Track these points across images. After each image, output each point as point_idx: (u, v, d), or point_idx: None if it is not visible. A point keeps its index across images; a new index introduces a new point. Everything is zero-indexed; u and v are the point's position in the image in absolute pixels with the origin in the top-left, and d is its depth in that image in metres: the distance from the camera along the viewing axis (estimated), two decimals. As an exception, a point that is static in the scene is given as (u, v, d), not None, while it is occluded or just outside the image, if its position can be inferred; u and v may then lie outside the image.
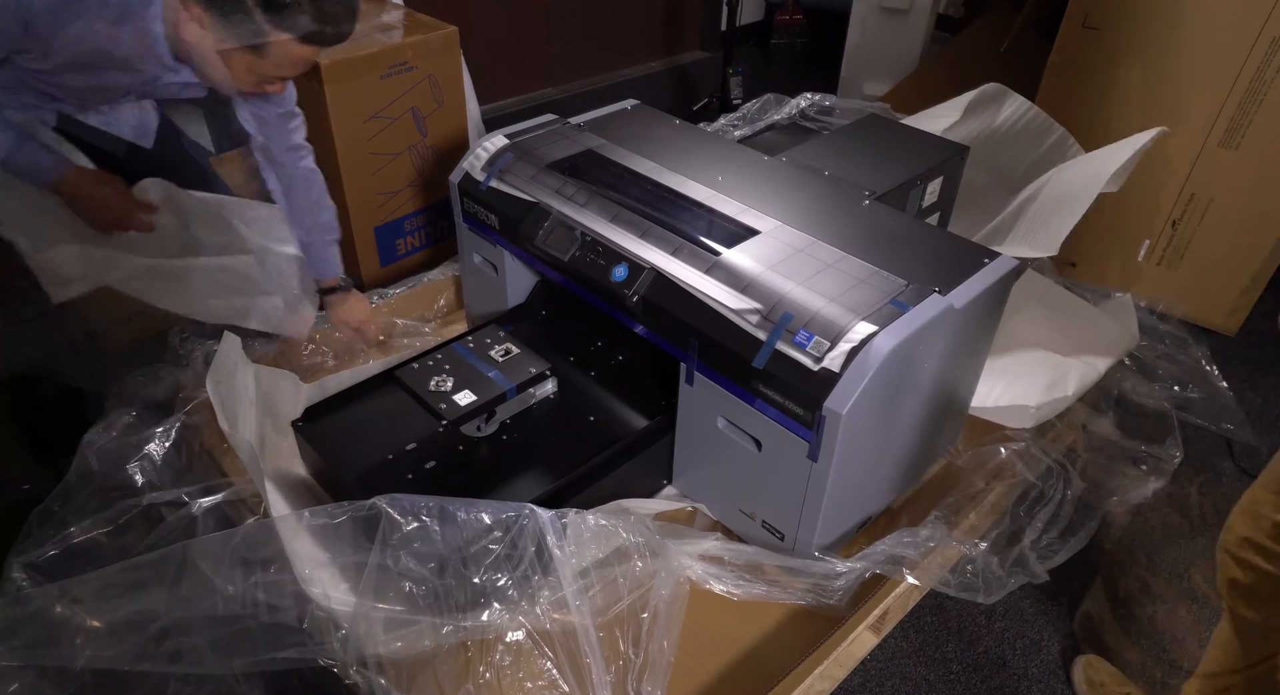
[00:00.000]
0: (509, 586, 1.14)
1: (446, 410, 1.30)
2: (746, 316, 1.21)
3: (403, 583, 1.10)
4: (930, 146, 1.86)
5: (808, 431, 1.18)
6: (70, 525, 1.30)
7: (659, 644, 1.16)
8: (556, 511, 1.16)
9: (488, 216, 1.57)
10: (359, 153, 2.14)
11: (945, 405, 1.46)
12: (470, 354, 1.42)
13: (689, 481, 1.48)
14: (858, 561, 1.27)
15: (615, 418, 1.47)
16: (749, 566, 1.30)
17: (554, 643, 1.15)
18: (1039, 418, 1.61)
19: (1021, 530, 1.41)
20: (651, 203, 1.45)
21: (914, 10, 2.99)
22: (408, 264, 2.37)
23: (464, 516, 1.10)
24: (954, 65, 2.81)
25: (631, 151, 1.59)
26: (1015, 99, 2.15)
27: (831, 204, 1.46)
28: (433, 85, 2.20)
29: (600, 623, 1.17)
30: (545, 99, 3.60)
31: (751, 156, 1.63)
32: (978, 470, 1.57)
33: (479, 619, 1.13)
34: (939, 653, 1.48)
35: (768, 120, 2.44)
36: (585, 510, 1.23)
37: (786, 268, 1.26)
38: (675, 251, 1.32)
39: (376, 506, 1.09)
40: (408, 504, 1.09)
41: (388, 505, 1.09)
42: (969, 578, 1.31)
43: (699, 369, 1.30)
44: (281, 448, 1.48)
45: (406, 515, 1.09)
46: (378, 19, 2.23)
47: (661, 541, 1.24)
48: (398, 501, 1.09)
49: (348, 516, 1.11)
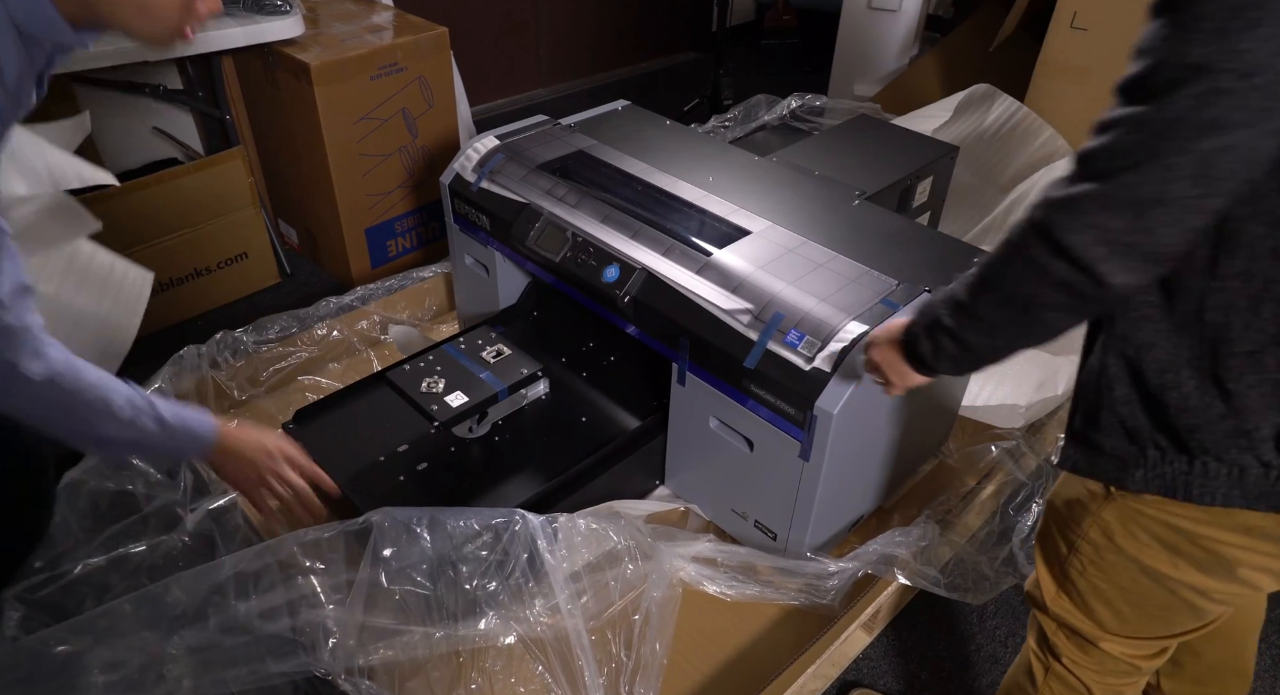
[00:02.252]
0: (501, 592, 1.14)
1: (438, 412, 1.29)
2: (738, 316, 1.21)
3: (394, 594, 1.09)
4: (920, 146, 1.86)
5: (799, 431, 1.18)
6: (66, 555, 1.30)
7: (651, 646, 1.16)
8: (547, 516, 1.16)
9: (479, 217, 1.57)
10: (349, 154, 2.13)
11: (936, 405, 1.46)
12: (462, 355, 1.42)
13: (681, 482, 1.48)
14: (849, 561, 1.27)
15: (607, 418, 1.47)
16: (742, 567, 1.30)
17: (546, 647, 1.14)
18: (1029, 417, 1.61)
19: (1011, 529, 1.41)
20: (643, 203, 1.45)
21: (904, 11, 3.00)
22: (399, 265, 2.36)
23: (454, 526, 1.10)
24: (944, 66, 2.82)
25: (622, 152, 1.59)
26: (1005, 99, 2.16)
27: (822, 204, 1.46)
28: (423, 86, 2.19)
29: (593, 626, 1.17)
30: (535, 100, 3.60)
31: (742, 157, 1.63)
32: (969, 469, 1.57)
33: (473, 627, 1.13)
34: (931, 651, 1.48)
35: (759, 121, 2.44)
36: (576, 513, 1.24)
37: (777, 268, 1.26)
38: (666, 252, 1.32)
39: (369, 522, 1.08)
40: (399, 516, 1.09)
41: (379, 519, 1.08)
42: (958, 579, 1.31)
43: (690, 369, 1.30)
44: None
45: (398, 528, 1.08)
46: (367, 20, 2.22)
47: (654, 544, 1.24)
48: (389, 515, 1.08)
49: (339, 532, 1.10)
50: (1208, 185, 0.59)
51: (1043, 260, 0.69)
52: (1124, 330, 0.78)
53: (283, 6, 2.00)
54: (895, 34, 3.05)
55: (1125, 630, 0.95)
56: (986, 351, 0.82)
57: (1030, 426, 1.62)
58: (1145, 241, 0.63)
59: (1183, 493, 0.78)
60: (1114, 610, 0.94)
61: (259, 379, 1.67)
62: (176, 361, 1.54)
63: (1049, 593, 1.00)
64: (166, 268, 2.14)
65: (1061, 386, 1.63)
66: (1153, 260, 0.65)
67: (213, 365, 1.60)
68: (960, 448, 1.61)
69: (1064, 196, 0.67)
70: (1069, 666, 1.02)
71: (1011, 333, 0.78)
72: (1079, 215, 0.65)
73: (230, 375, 1.63)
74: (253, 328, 1.67)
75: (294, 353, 1.72)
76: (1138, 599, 0.91)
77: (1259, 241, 0.68)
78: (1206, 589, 0.85)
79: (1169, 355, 0.75)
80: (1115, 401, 0.80)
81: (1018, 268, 0.72)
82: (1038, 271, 0.70)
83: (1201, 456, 0.77)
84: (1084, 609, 0.96)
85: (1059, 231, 0.66)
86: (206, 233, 2.15)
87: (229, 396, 1.63)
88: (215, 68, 2.15)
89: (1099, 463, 0.83)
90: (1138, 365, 0.77)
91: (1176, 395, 0.76)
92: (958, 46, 2.84)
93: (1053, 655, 1.04)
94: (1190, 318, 0.73)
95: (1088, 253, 0.65)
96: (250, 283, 2.32)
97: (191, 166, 2.05)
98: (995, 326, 0.78)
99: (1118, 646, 0.96)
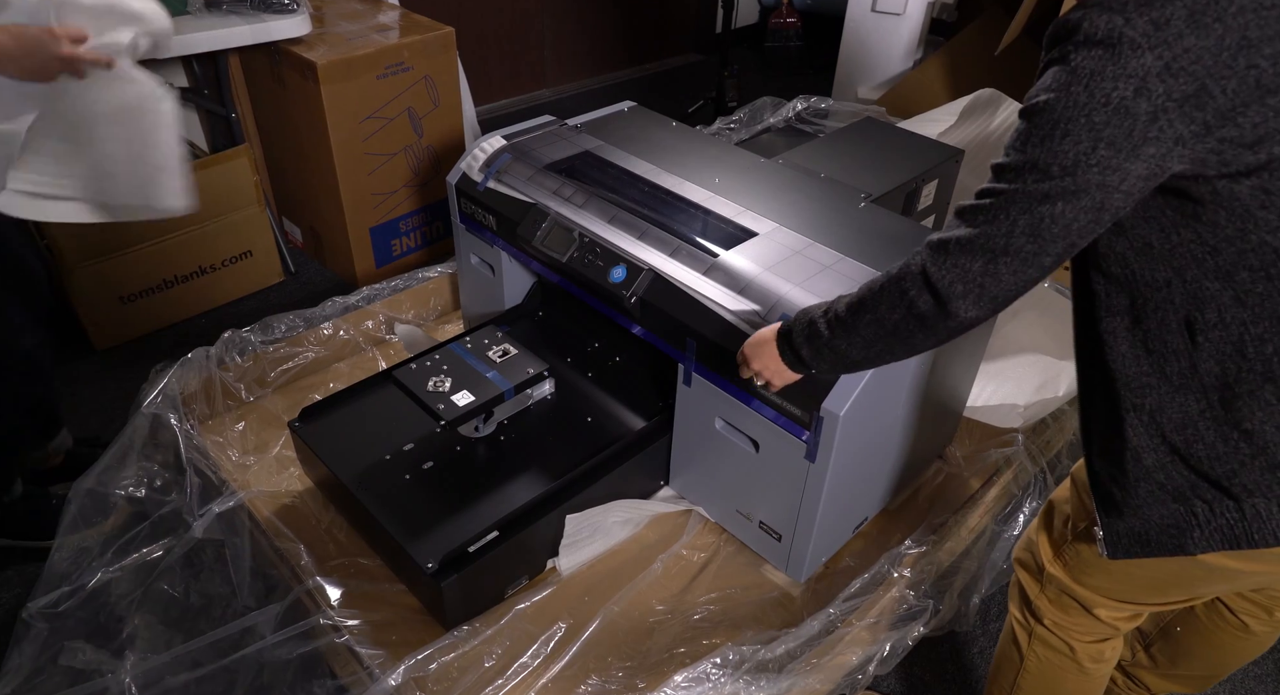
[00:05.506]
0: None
1: (444, 411, 1.30)
2: (745, 318, 1.22)
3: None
4: (925, 150, 1.87)
5: (806, 432, 1.18)
6: (82, 567, 1.32)
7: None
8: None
9: (485, 217, 1.57)
10: (355, 153, 2.14)
11: (940, 407, 1.47)
12: (468, 354, 1.42)
13: (686, 482, 1.48)
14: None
15: (613, 418, 1.47)
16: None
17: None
18: (1028, 417, 1.62)
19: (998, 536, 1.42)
20: (649, 204, 1.45)
21: (908, 14, 3.01)
22: (403, 265, 2.37)
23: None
24: (947, 70, 2.83)
25: (629, 153, 1.59)
26: (1010, 104, 2.17)
27: (828, 206, 1.47)
28: (429, 86, 2.20)
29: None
30: (540, 100, 3.60)
31: (748, 159, 1.63)
32: (972, 472, 1.58)
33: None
34: (934, 653, 1.49)
35: (764, 123, 2.45)
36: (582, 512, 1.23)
37: (785, 269, 1.26)
38: (674, 253, 1.33)
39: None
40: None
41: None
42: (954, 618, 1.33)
43: (697, 370, 1.30)
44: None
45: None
46: (374, 19, 2.23)
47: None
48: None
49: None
50: (1039, 243, 0.77)
51: (913, 293, 0.85)
52: (1132, 402, 0.84)
53: (289, 5, 2.01)
54: (899, 38, 3.06)
55: (1121, 597, 1.00)
56: (859, 360, 0.97)
57: (1033, 430, 1.62)
58: (992, 284, 0.80)
59: (1245, 541, 0.82)
60: (1115, 580, 0.98)
61: (266, 379, 1.67)
62: (185, 362, 1.55)
63: (1046, 556, 1.05)
64: (171, 265, 2.15)
65: (1062, 389, 1.63)
66: (993, 301, 0.82)
67: (220, 365, 1.60)
68: (963, 450, 1.61)
69: (940, 240, 0.83)
70: (1052, 628, 1.08)
71: (879, 347, 0.93)
72: (948, 256, 0.82)
73: (238, 375, 1.63)
74: (259, 327, 1.67)
75: (300, 352, 1.72)
76: (1146, 573, 0.94)
77: (1220, 294, 0.78)
78: (1236, 570, 0.87)
79: (1180, 414, 0.82)
80: (1149, 470, 0.85)
81: (893, 296, 0.88)
82: (907, 302, 0.86)
83: (1249, 499, 0.81)
84: (1084, 576, 1.01)
85: (932, 268, 0.83)
86: (211, 231, 2.16)
87: (236, 397, 1.63)
88: (221, 66, 2.15)
89: (1152, 538, 0.87)
90: (1158, 429, 0.83)
91: (1203, 447, 0.82)
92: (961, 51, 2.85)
93: (1035, 618, 1.09)
94: (1186, 376, 0.81)
95: (950, 289, 0.82)
96: (254, 281, 2.32)
97: (196, 164, 2.05)
98: (867, 341, 0.93)
99: (1108, 612, 1.02)
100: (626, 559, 1.40)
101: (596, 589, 1.34)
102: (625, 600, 1.32)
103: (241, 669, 1.22)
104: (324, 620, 1.22)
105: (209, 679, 1.22)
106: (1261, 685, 1.49)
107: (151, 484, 1.42)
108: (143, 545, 1.36)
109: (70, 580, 1.31)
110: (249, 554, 1.35)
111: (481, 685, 1.17)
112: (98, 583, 1.32)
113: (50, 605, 1.29)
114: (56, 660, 1.26)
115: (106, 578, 1.33)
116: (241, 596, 1.33)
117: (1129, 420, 0.84)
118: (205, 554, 1.39)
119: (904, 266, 0.87)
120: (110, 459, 1.41)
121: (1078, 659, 1.07)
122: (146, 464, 1.43)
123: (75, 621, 1.29)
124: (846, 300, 0.96)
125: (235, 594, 1.34)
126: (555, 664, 1.21)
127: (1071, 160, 0.73)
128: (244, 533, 1.36)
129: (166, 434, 1.44)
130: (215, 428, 1.58)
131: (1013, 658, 1.14)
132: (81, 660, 1.25)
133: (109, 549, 1.35)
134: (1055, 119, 0.74)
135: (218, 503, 1.36)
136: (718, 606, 1.33)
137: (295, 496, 1.46)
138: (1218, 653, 1.16)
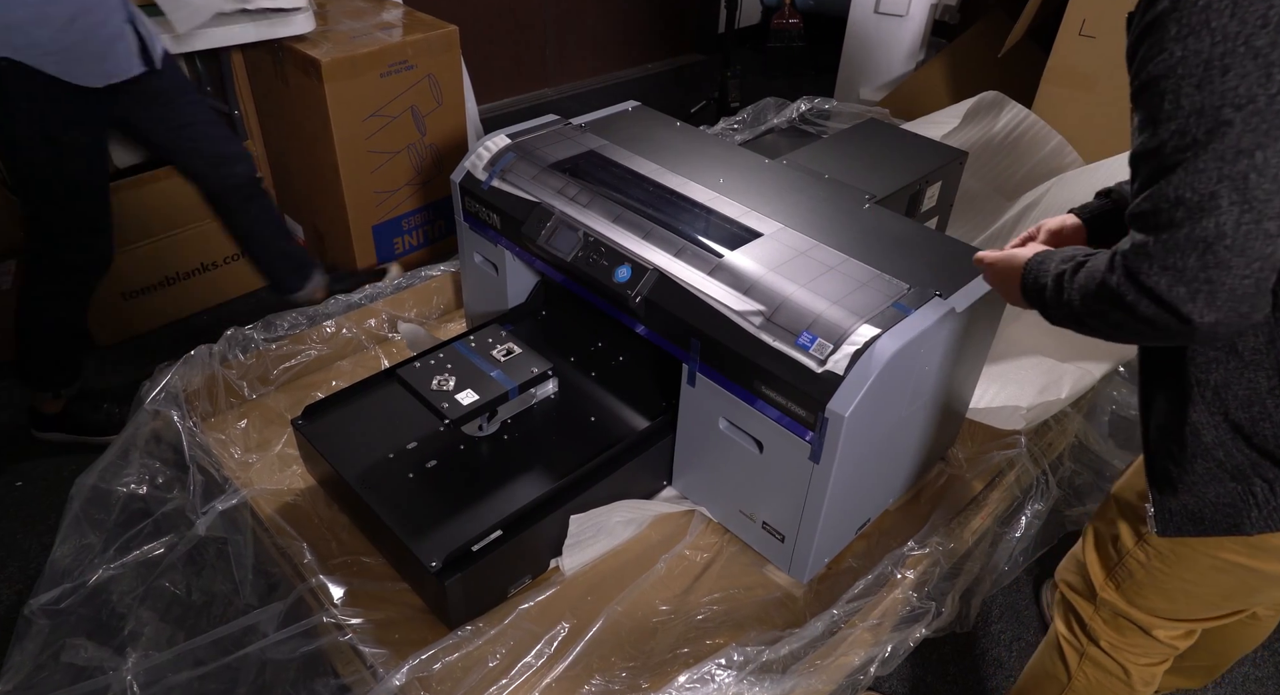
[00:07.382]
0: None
1: (449, 409, 1.29)
2: (750, 318, 1.22)
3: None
4: (929, 152, 1.87)
5: (810, 433, 1.18)
6: (84, 564, 1.32)
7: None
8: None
9: (489, 216, 1.57)
10: (358, 151, 2.14)
11: (944, 408, 1.47)
12: (472, 353, 1.42)
13: (689, 482, 1.48)
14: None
15: (616, 418, 1.47)
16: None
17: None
18: (1030, 419, 1.62)
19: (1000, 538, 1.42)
20: (654, 204, 1.45)
21: (911, 16, 3.01)
22: (405, 263, 2.36)
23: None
24: (950, 71, 2.83)
25: (633, 153, 1.59)
26: (1013, 107, 2.17)
27: (833, 207, 1.47)
28: (432, 84, 2.20)
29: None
30: (542, 99, 3.60)
31: (752, 159, 1.63)
32: (975, 474, 1.58)
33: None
34: (935, 654, 1.49)
35: (767, 124, 2.45)
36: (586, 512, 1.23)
37: (790, 270, 1.27)
38: (678, 253, 1.33)
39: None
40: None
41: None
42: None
43: (701, 370, 1.30)
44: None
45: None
46: (378, 17, 2.23)
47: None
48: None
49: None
50: (1251, 207, 0.64)
51: (1130, 298, 0.71)
52: (1195, 376, 0.80)
53: (294, 3, 2.01)
54: (902, 39, 3.06)
55: (1178, 616, 0.96)
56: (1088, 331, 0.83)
57: (1035, 432, 1.62)
58: (1222, 277, 0.66)
59: None
60: (1171, 600, 0.95)
61: (269, 376, 1.67)
62: (187, 360, 1.55)
63: (1097, 579, 1.01)
64: (173, 262, 2.14)
65: (1065, 391, 1.63)
66: (1234, 297, 0.67)
67: (223, 362, 1.60)
68: (966, 452, 1.61)
69: (1132, 246, 0.71)
70: (1107, 650, 1.03)
71: (1106, 335, 0.80)
72: (1152, 260, 0.69)
73: (241, 373, 1.63)
74: (262, 324, 1.67)
75: (303, 350, 1.72)
76: (1204, 590, 0.91)
77: None
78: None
79: (1248, 390, 0.78)
80: (1207, 448, 0.81)
81: (1109, 299, 0.74)
82: (1126, 307, 0.72)
83: None
84: (1139, 598, 0.97)
85: (1142, 276, 0.70)
86: (213, 228, 2.15)
87: (239, 394, 1.63)
88: (225, 63, 2.15)
89: (1205, 517, 0.84)
90: (1221, 406, 0.80)
91: (1270, 425, 0.78)
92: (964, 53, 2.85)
93: (1090, 639, 1.05)
94: (1261, 352, 0.76)
95: (1170, 293, 0.68)
96: (256, 278, 2.31)
97: (200, 162, 2.05)
98: (1095, 331, 0.80)
99: (1168, 632, 0.98)
100: (629, 559, 1.40)
101: (600, 589, 1.34)
102: (628, 600, 1.32)
103: (244, 667, 1.22)
104: (326, 619, 1.22)
105: (211, 677, 1.21)
106: (1261, 686, 1.49)
107: (154, 481, 1.42)
108: (145, 542, 1.36)
109: (72, 577, 1.31)
110: (251, 552, 1.35)
111: (485, 685, 1.17)
112: (99, 580, 1.31)
113: (52, 602, 1.28)
114: (58, 657, 1.25)
115: (108, 575, 1.32)
116: (244, 594, 1.33)
117: (1191, 396, 0.80)
118: (207, 552, 1.39)
119: (1105, 271, 0.74)
120: (113, 456, 1.40)
121: (1131, 682, 1.03)
122: (149, 461, 1.43)
123: (77, 618, 1.29)
124: (1080, 289, 0.79)
125: (237, 592, 1.34)
126: (559, 664, 1.21)
127: (1245, 94, 0.63)
128: (246, 530, 1.36)
129: (169, 431, 1.44)
130: (218, 425, 1.58)
131: (1057, 676, 1.10)
132: (83, 657, 1.25)
133: (111, 546, 1.35)
134: (1203, 61, 0.64)
135: (220, 500, 1.36)
136: (721, 607, 1.33)
137: (298, 494, 1.46)
138: (1224, 642, 1.15)
